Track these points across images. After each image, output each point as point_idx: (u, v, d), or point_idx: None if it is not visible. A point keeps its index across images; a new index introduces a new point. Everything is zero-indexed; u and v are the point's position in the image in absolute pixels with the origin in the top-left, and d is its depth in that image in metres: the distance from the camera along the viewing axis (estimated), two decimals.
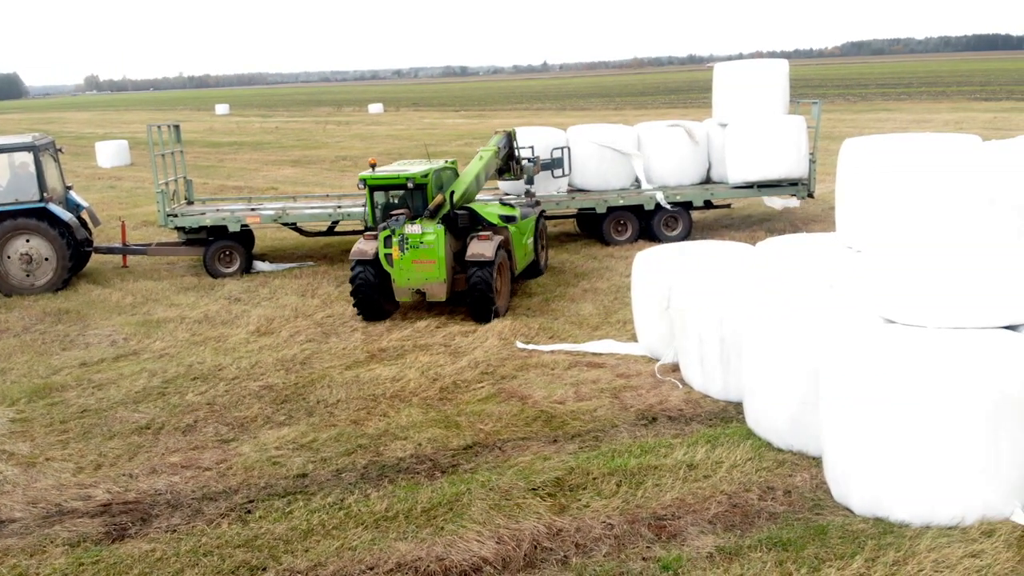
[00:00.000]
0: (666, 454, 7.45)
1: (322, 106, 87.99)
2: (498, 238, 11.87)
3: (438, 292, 11.77)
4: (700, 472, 7.10)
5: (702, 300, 8.68)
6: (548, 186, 16.75)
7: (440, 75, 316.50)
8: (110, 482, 7.52)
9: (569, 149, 16.67)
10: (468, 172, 12.89)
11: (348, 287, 14.26)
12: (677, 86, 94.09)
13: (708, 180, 17.32)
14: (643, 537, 6.22)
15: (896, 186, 7.53)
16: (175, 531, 6.64)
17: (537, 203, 14.62)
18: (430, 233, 11.62)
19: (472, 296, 11.64)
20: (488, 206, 12.99)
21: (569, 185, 17.19)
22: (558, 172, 16.55)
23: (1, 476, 7.76)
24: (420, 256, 11.65)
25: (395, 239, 11.63)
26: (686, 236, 16.15)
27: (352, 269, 11.97)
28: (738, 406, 8.27)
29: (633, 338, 10.58)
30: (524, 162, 15.41)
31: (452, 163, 13.10)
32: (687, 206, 16.50)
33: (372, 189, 12.17)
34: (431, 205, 11.76)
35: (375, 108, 73.47)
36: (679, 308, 9.11)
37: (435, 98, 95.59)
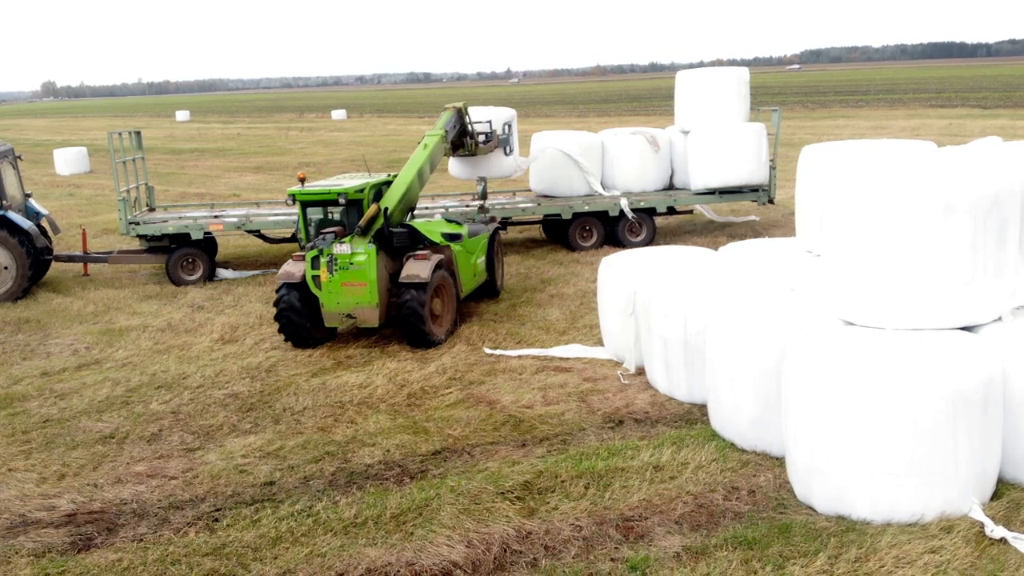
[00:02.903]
0: (633, 456, 7.54)
1: (284, 112, 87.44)
2: (437, 258, 10.92)
3: (370, 317, 10.78)
4: (666, 473, 7.20)
5: (666, 304, 8.80)
6: (494, 165, 16.23)
7: (404, 81, 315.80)
8: (75, 492, 7.43)
9: (510, 126, 16.51)
10: (404, 175, 11.77)
11: None
12: (639, 94, 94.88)
13: (671, 187, 17.53)
14: (611, 538, 6.30)
15: (854, 191, 7.70)
16: (142, 540, 6.58)
17: (492, 219, 13.66)
18: (360, 253, 10.65)
19: (403, 321, 10.73)
20: (432, 223, 12.21)
21: (516, 171, 16.94)
22: (508, 149, 16.48)
23: None
24: (350, 278, 10.67)
25: (323, 260, 10.67)
26: (650, 242, 16.35)
27: (277, 292, 11.02)
28: (703, 408, 8.39)
29: (599, 342, 10.68)
30: (481, 137, 15.15)
31: (393, 177, 11.90)
32: (651, 212, 16.69)
33: (305, 205, 11.14)
34: (362, 221, 10.76)
35: (338, 114, 73.16)
36: (644, 312, 9.23)
37: (399, 104, 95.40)
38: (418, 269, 10.66)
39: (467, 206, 16.54)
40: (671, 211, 17.28)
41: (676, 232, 17.95)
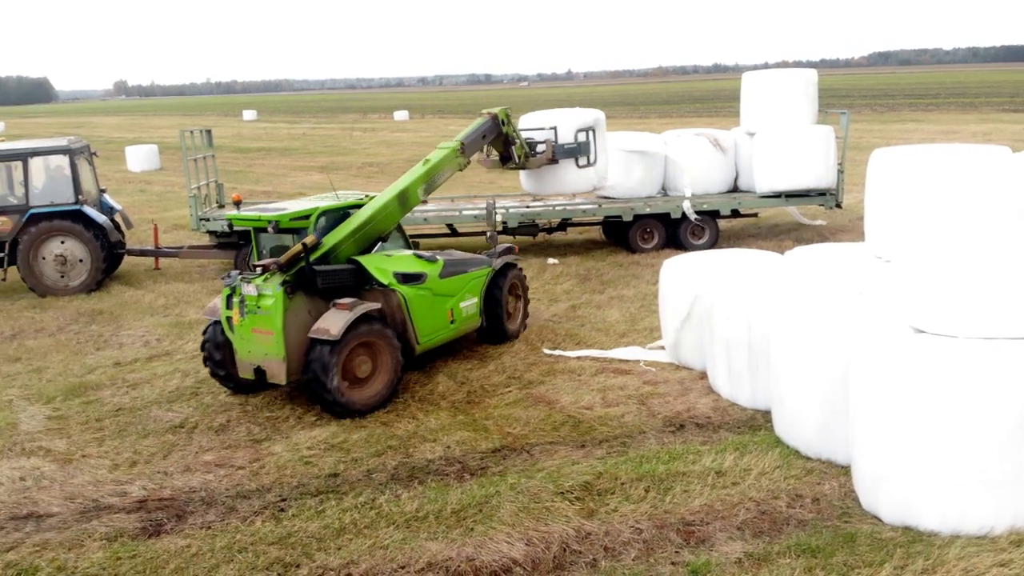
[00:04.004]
0: (694, 461, 7.48)
1: (348, 113, 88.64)
2: (364, 308, 8.89)
3: (276, 372, 8.90)
4: (728, 479, 7.14)
5: (730, 307, 8.72)
6: (568, 179, 14.86)
7: (465, 82, 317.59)
8: (145, 479, 7.67)
9: (594, 132, 14.75)
10: (377, 200, 9.93)
11: None
12: (703, 95, 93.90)
13: (735, 189, 17.35)
14: (672, 542, 6.27)
15: (925, 197, 7.55)
16: (210, 527, 6.76)
17: (509, 250, 11.43)
18: (268, 296, 8.86)
19: (306, 385, 8.97)
20: (394, 257, 9.87)
21: (598, 186, 15.64)
22: (583, 160, 14.63)
23: (39, 472, 7.93)
24: (258, 324, 8.92)
25: (236, 299, 9.10)
26: (713, 245, 16.18)
27: (204, 333, 9.69)
28: (766, 414, 8.29)
29: (660, 346, 10.62)
30: (539, 146, 13.81)
31: (365, 199, 10.04)
32: (714, 215, 16.53)
33: (256, 231, 9.54)
34: (283, 257, 8.90)
35: (400, 115, 73.91)
36: (707, 316, 9.15)
37: (460, 105, 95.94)
38: (330, 323, 8.67)
39: (527, 206, 16.56)
40: (735, 214, 17.10)
41: (740, 235, 17.74)
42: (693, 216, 16.17)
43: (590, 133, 14.70)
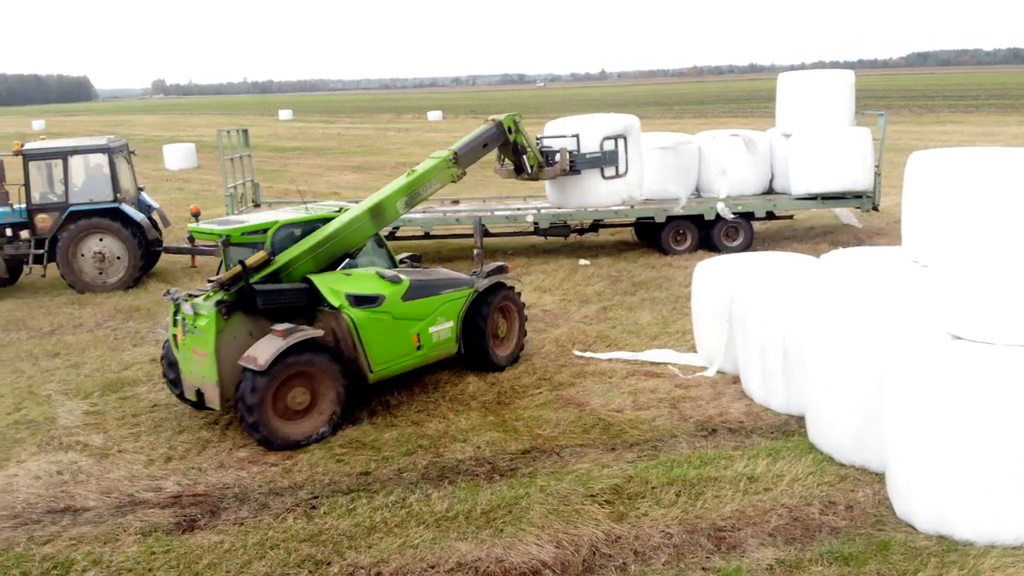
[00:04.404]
0: (726, 466, 7.43)
1: (383, 113, 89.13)
2: (302, 335, 8.18)
3: (212, 397, 8.47)
4: (761, 485, 7.07)
5: (765, 311, 8.64)
6: (593, 190, 14.15)
7: (498, 83, 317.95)
8: (180, 475, 7.77)
9: (625, 140, 14.08)
10: (348, 214, 9.31)
11: None
12: (738, 95, 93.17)
13: (770, 191, 17.21)
14: (702, 547, 6.23)
15: (964, 201, 7.42)
16: (243, 524, 6.83)
17: (499, 269, 10.44)
18: (203, 316, 8.40)
19: (236, 413, 8.40)
20: (354, 276, 9.04)
21: (629, 200, 14.93)
22: (610, 171, 13.95)
23: (76, 466, 8.06)
24: (196, 344, 8.49)
25: (180, 317, 8.71)
26: (747, 247, 16.05)
27: (163, 347, 9.33)
28: (800, 419, 8.21)
29: (692, 349, 10.56)
30: (557, 155, 13.27)
31: (340, 211, 9.44)
32: (749, 216, 16.40)
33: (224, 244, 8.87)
34: (225, 275, 8.50)
35: (434, 115, 74.19)
36: (740, 319, 9.08)
37: (492, 105, 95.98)
38: (260, 350, 8.06)
39: (559, 207, 16.49)
40: (770, 216, 16.96)
41: (775, 238, 17.58)
42: (730, 215, 16.04)
43: (619, 142, 13.94)
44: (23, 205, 15.21)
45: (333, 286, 8.72)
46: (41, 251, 15.09)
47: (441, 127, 62.30)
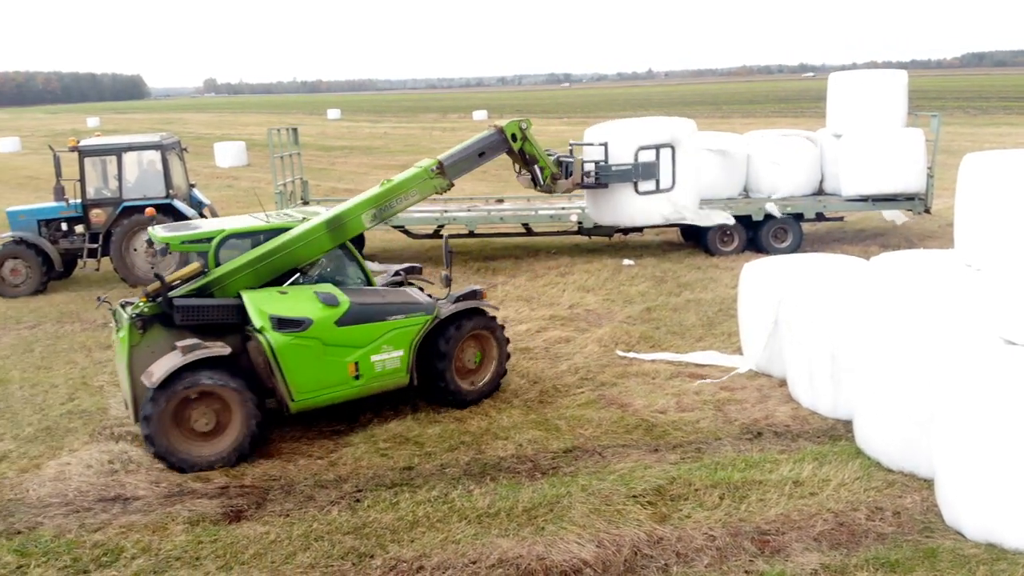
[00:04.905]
0: (771, 469, 7.35)
1: (429, 112, 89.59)
2: (203, 352, 7.71)
3: (130, 410, 8.28)
4: (806, 489, 6.99)
5: (813, 314, 8.52)
6: (625, 207, 12.44)
7: (544, 82, 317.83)
8: (227, 466, 7.90)
9: (673, 151, 12.39)
10: (302, 226, 8.69)
11: (452, 289, 14.61)
12: (787, 95, 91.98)
13: (820, 192, 16.97)
14: (746, 551, 6.17)
15: (1019, 203, 7.26)
16: (288, 515, 6.93)
17: (472, 294, 9.39)
18: (122, 327, 8.18)
19: None
20: (290, 295, 8.33)
21: (672, 218, 13.26)
22: (646, 185, 12.22)
23: (127, 456, 8.23)
24: (118, 355, 8.34)
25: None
26: (796, 249, 15.87)
27: None
28: (847, 424, 8.09)
29: (738, 351, 10.45)
30: (586, 166, 11.94)
31: (299, 222, 8.84)
32: (798, 218, 16.20)
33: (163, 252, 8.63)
34: (150, 287, 8.19)
35: (479, 115, 74.36)
36: (788, 322, 8.97)
37: (538, 105, 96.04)
38: (157, 366, 7.70)
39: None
40: (820, 217, 16.72)
41: (824, 240, 17.32)
42: (779, 213, 15.84)
43: (660, 152, 12.16)
44: (78, 200, 15.59)
45: (260, 305, 8.08)
46: (95, 245, 15.45)
47: (486, 126, 62.31)
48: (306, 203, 17.56)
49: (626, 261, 15.97)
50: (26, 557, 6.43)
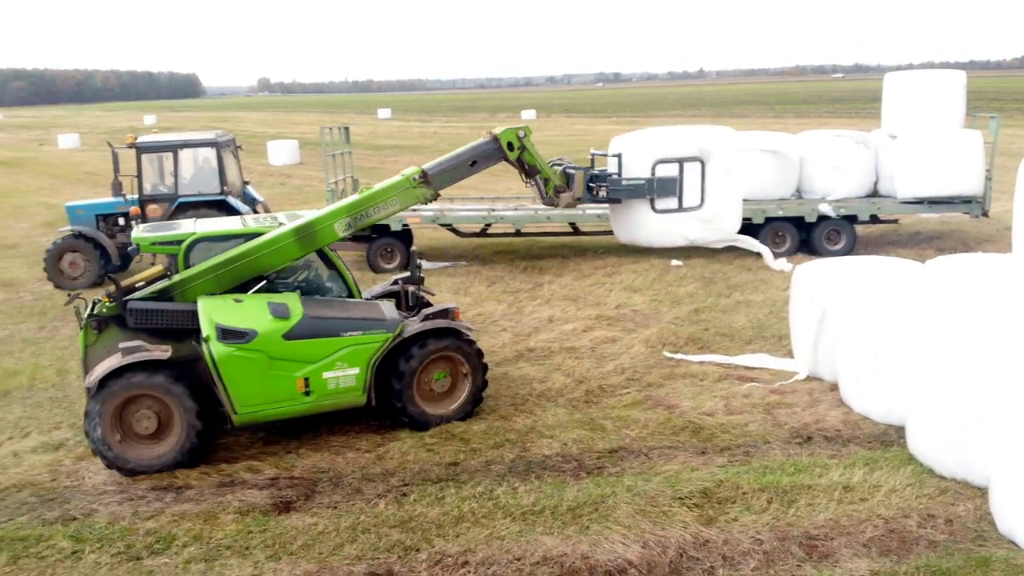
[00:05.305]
0: (821, 474, 7.25)
1: (477, 112, 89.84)
2: (142, 355, 7.65)
3: None
4: (856, 495, 6.88)
5: (866, 318, 8.39)
6: (642, 225, 11.01)
7: (593, 81, 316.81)
8: (277, 458, 8.04)
9: (703, 165, 10.69)
10: (248, 244, 8.36)
11: (499, 287, 14.67)
12: (842, 95, 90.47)
13: (875, 194, 16.69)
14: (793, 555, 6.10)
15: None
16: (336, 507, 7.03)
17: (442, 312, 8.82)
18: (82, 328, 8.27)
19: None
20: (245, 304, 8.08)
21: (696, 240, 11.28)
22: (666, 203, 10.74)
23: None
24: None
25: None
26: (849, 251, 15.64)
27: None
28: (900, 430, 7.95)
29: (789, 354, 10.32)
30: (575, 172, 10.67)
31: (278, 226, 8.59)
32: (851, 219, 15.95)
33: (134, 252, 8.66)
34: (111, 289, 8.21)
35: (528, 114, 74.42)
36: (840, 325, 8.84)
37: (587, 105, 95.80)
38: (99, 367, 7.78)
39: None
40: (874, 219, 16.44)
41: (878, 243, 17.02)
42: (834, 213, 15.60)
43: (684, 167, 10.80)
44: (136, 196, 15.94)
45: (211, 313, 7.88)
46: None
47: (535, 126, 62.23)
48: None
49: (675, 262, 15.86)
50: (81, 543, 6.61)
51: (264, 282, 8.38)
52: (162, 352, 7.79)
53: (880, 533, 6.33)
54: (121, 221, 16.11)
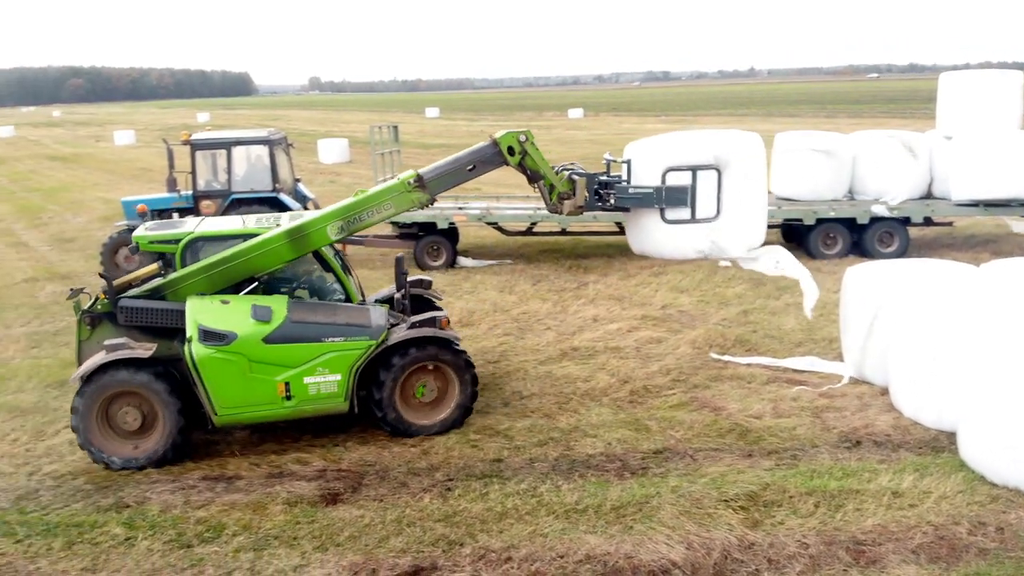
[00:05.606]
0: (870, 479, 7.15)
1: (524, 111, 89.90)
2: (125, 353, 7.81)
3: None
4: (906, 500, 6.78)
5: (919, 322, 8.24)
6: (651, 235, 10.71)
7: (642, 80, 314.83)
8: (325, 450, 8.17)
9: (719, 173, 10.33)
10: (241, 245, 8.34)
11: (544, 285, 14.68)
12: (896, 95, 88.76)
13: (929, 196, 16.36)
14: (840, 560, 6.03)
15: None
16: (382, 500, 7.13)
17: (429, 321, 8.56)
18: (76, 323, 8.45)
19: None
20: (231, 305, 8.07)
21: (710, 253, 10.94)
22: (676, 213, 10.43)
23: (231, 437, 8.60)
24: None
25: None
26: (902, 254, 15.35)
27: None
28: (951, 435, 7.80)
29: (839, 358, 10.17)
30: (577, 178, 10.41)
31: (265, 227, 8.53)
32: (904, 222, 15.66)
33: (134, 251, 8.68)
34: (106, 288, 8.31)
35: (575, 113, 74.28)
36: (893, 329, 8.69)
37: (635, 103, 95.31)
38: (86, 363, 7.96)
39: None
40: (927, 222, 16.12)
41: (932, 245, 16.68)
42: (888, 212, 15.32)
43: (697, 175, 10.37)
44: (189, 192, 16.28)
45: (197, 314, 7.94)
46: None
47: (582, 124, 62.30)
48: None
49: (723, 262, 15.72)
50: (134, 530, 6.80)
51: (256, 284, 8.38)
52: (144, 350, 7.90)
53: (929, 540, 6.22)
54: (175, 216, 16.45)
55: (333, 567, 6.19)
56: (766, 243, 11.51)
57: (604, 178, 10.90)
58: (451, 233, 16.54)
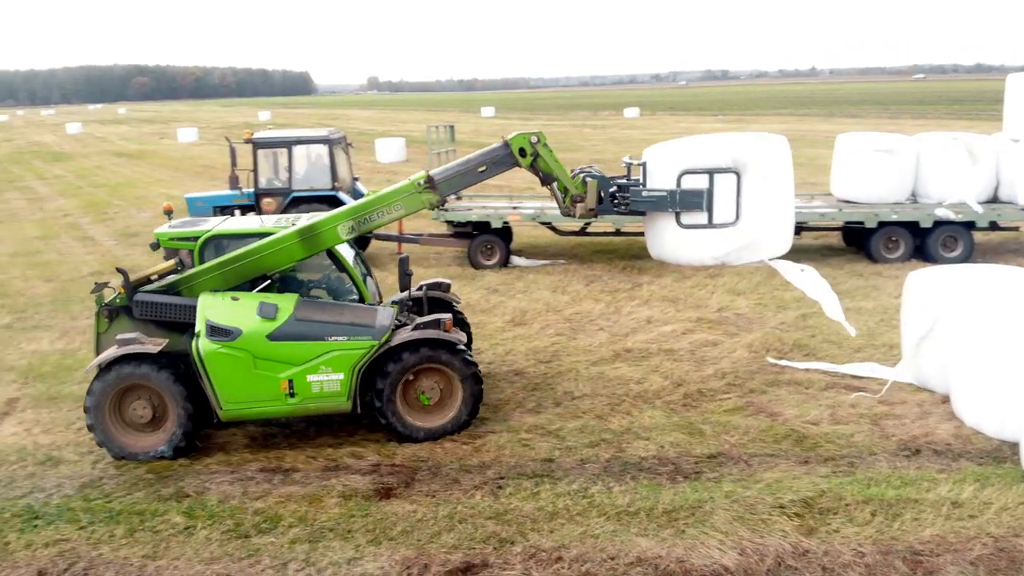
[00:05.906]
0: (929, 488, 7.00)
1: (580, 110, 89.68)
2: (133, 348, 8.00)
3: None
4: (965, 511, 6.62)
5: (982, 329, 8.04)
6: (665, 239, 10.50)
7: (700, 79, 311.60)
8: (379, 445, 8.28)
9: (738, 177, 10.32)
10: (253, 244, 8.47)
11: (597, 286, 14.65)
12: (962, 96, 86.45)
13: (995, 200, 15.91)
14: (896, 570, 5.92)
15: None
16: (434, 496, 7.20)
17: (432, 324, 8.47)
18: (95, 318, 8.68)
19: None
20: (240, 302, 8.21)
21: (725, 260, 10.73)
22: (693, 218, 10.44)
23: (288, 431, 8.78)
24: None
25: None
26: (966, 259, 14.95)
27: None
28: (1014, 446, 7.59)
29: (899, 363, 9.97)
30: (589, 181, 10.25)
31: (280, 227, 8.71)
32: (969, 226, 15.26)
33: (154, 248, 8.91)
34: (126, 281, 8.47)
35: (631, 112, 73.85)
36: (954, 336, 8.50)
37: (692, 102, 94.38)
38: (98, 357, 8.19)
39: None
40: (993, 227, 15.68)
41: (998, 251, 16.24)
42: (951, 216, 14.95)
43: (715, 178, 10.26)
44: (251, 189, 16.61)
45: (205, 310, 8.12)
46: None
47: (637, 124, 61.90)
48: (458, 199, 17.99)
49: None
50: (193, 519, 6.98)
51: (269, 282, 8.51)
52: (154, 345, 8.07)
53: (989, 552, 6.08)
54: (237, 213, 16.78)
55: (386, 560, 6.28)
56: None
57: (620, 181, 10.71)
58: (505, 232, 16.61)
